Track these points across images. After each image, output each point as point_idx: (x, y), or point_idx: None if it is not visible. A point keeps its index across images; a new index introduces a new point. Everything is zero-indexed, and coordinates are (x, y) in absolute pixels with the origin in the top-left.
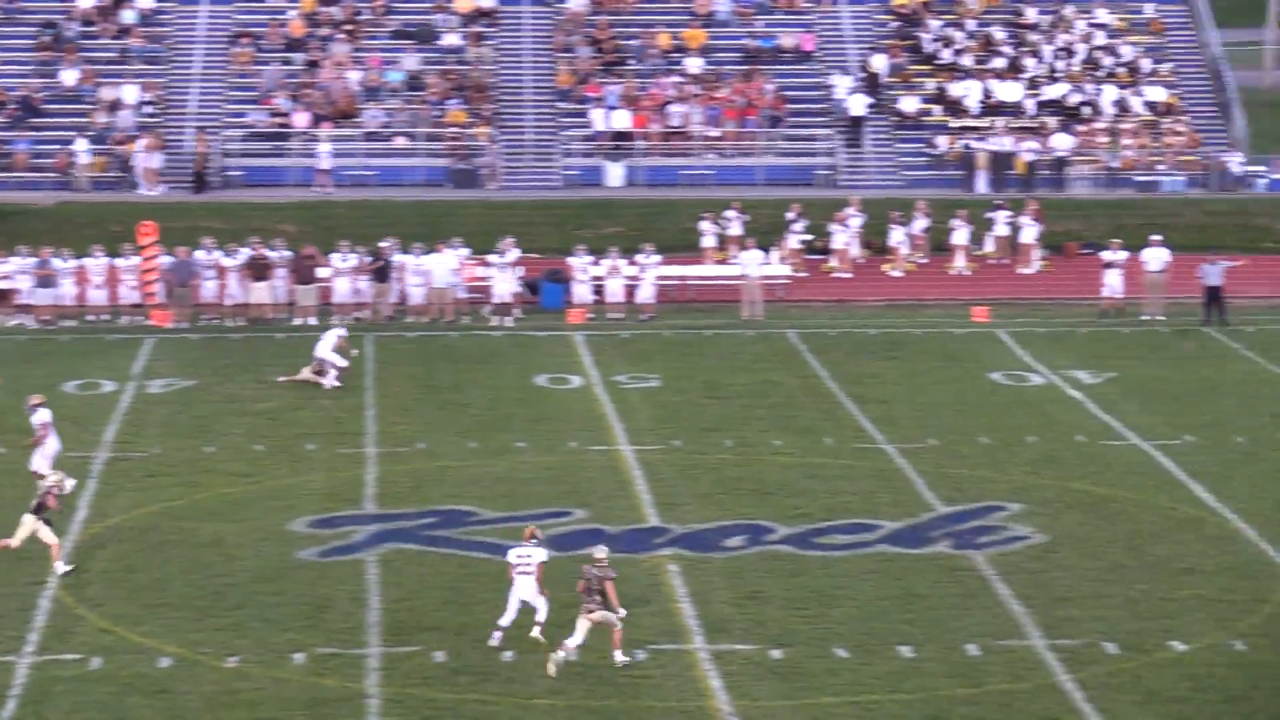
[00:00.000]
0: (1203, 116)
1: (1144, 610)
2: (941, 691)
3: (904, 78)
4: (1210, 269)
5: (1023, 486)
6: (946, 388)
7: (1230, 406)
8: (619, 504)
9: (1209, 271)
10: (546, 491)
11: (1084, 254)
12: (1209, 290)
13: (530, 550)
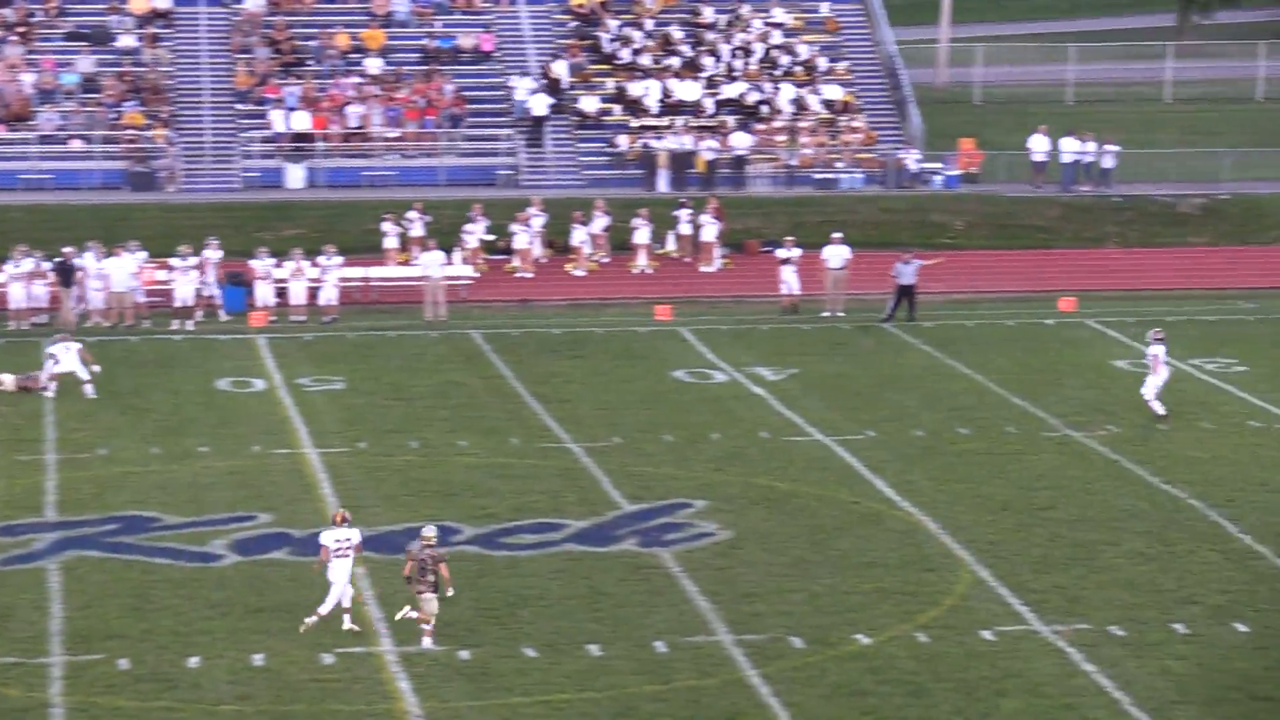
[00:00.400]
0: (879, 114)
1: (828, 604)
2: (630, 689)
3: (584, 77)
4: (904, 267)
5: (707, 483)
6: (631, 386)
7: (910, 401)
8: (304, 507)
9: (903, 270)
10: (231, 496)
11: (765, 251)
12: (902, 288)
13: (346, 532)
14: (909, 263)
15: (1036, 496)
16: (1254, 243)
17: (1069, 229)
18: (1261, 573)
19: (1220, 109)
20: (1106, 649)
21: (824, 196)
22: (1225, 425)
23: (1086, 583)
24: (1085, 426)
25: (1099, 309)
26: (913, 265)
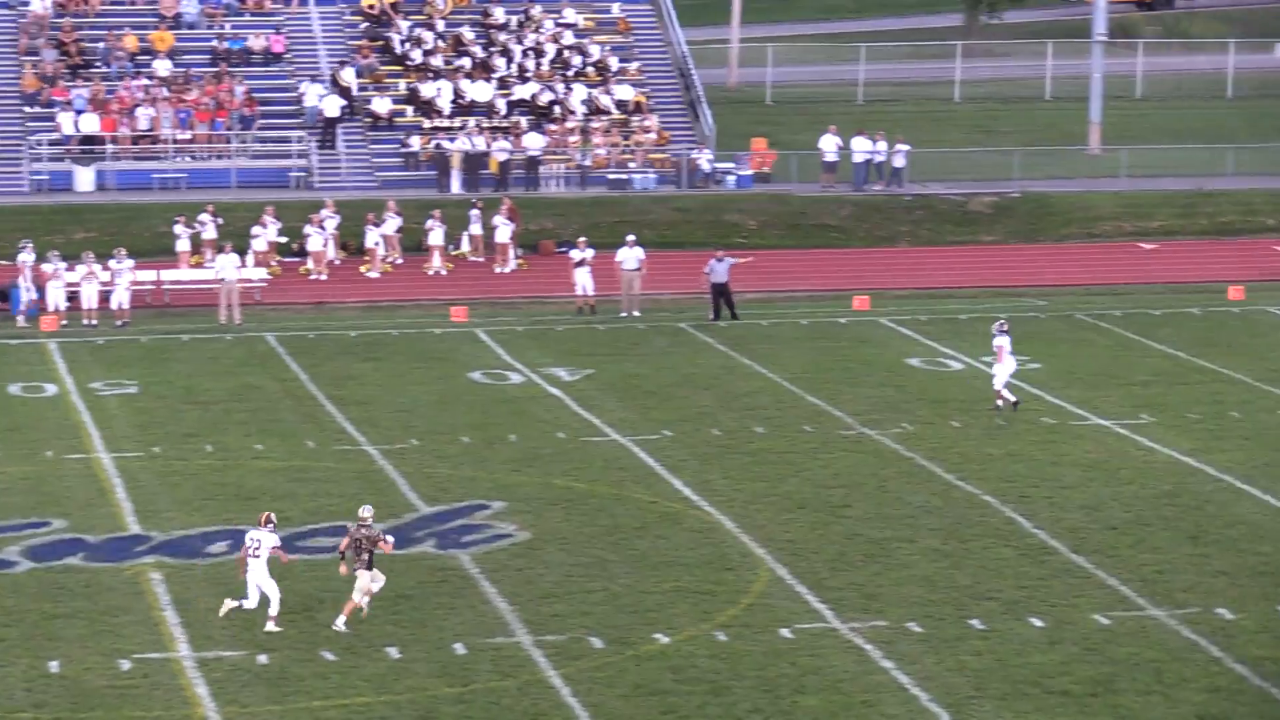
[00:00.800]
0: (671, 115)
1: (627, 604)
2: (430, 691)
3: (376, 79)
4: (718, 265)
5: (505, 484)
6: (427, 388)
7: (706, 401)
8: (99, 512)
9: (716, 268)
10: (23, 502)
11: (560, 252)
12: (716, 287)
13: (260, 535)
14: (721, 260)
15: (833, 495)
16: (1044, 240)
17: (861, 228)
18: (1055, 568)
19: (1009, 108)
20: (904, 645)
21: (618, 197)
22: (1018, 422)
23: (883, 580)
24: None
25: (892, 307)
26: (725, 264)
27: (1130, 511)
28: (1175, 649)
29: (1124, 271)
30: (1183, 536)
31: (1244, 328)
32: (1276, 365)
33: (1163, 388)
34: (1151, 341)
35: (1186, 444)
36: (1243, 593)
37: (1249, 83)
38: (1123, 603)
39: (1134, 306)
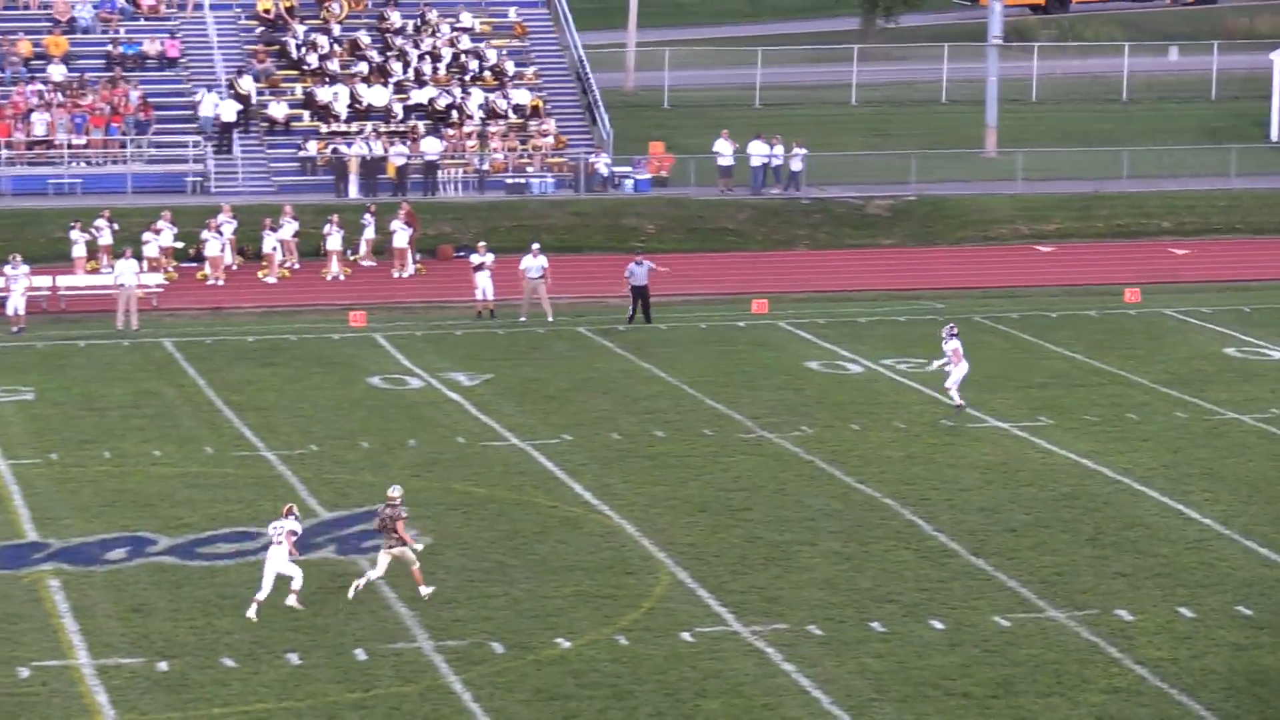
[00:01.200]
0: (569, 119)
1: (528, 609)
2: (331, 697)
3: (272, 83)
4: (637, 269)
5: (407, 489)
6: (326, 393)
7: (606, 405)
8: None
9: (636, 272)
10: None
11: (458, 257)
12: (636, 290)
13: (283, 522)
14: (640, 264)
15: (733, 498)
16: (941, 243)
17: (759, 231)
18: (955, 570)
19: (906, 111)
20: (805, 648)
21: (516, 201)
22: (917, 425)
23: (784, 583)
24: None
25: (791, 311)
26: (644, 267)
27: (1029, 514)
28: (1075, 651)
29: (1021, 274)
30: (1082, 538)
31: (1141, 330)
32: (1173, 367)
33: (1060, 390)
34: (1049, 344)
35: (1084, 446)
36: (1142, 594)
37: (1144, 86)
38: (1023, 605)
39: (1031, 309)
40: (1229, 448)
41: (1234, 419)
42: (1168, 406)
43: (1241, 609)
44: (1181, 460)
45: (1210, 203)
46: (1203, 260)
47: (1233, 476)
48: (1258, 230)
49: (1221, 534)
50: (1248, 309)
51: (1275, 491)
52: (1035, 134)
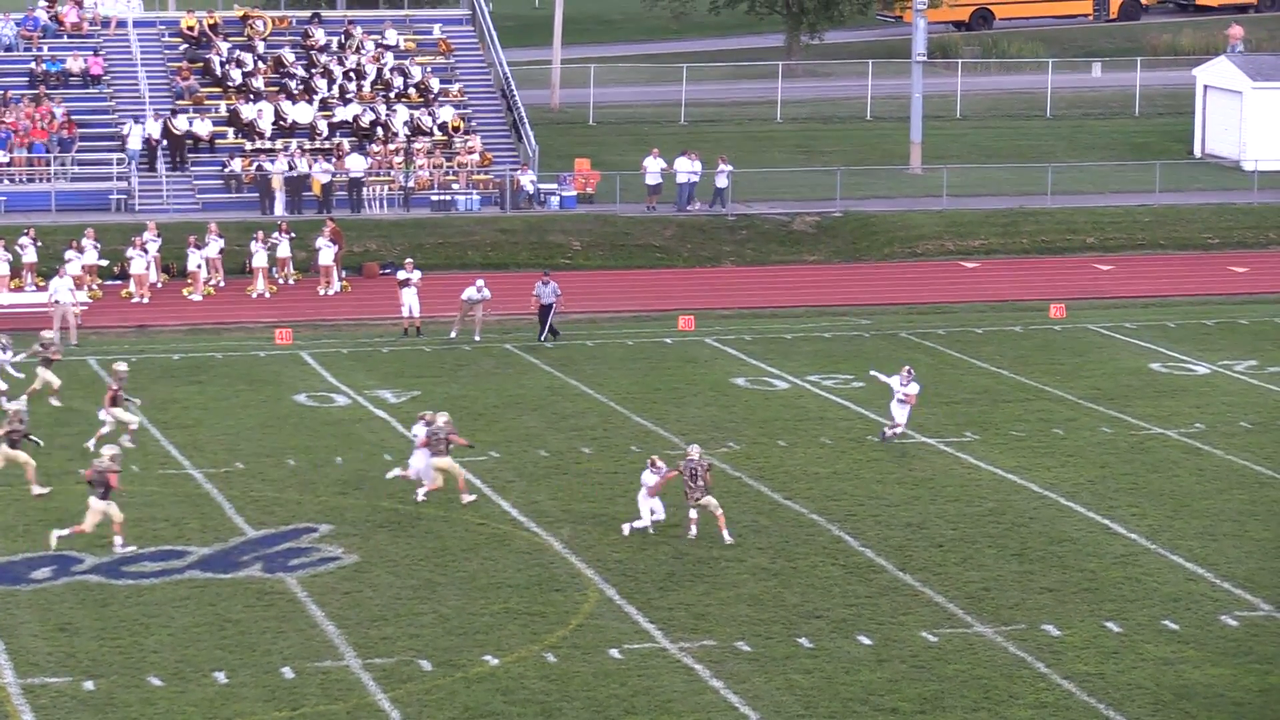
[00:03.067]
0: (494, 136)
1: (456, 626)
2: (258, 716)
3: (196, 100)
4: (544, 288)
5: (333, 507)
6: (252, 411)
7: (533, 422)
8: None
9: (542, 291)
10: None
11: (384, 274)
12: (543, 309)
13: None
14: (547, 283)
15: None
16: (866, 259)
17: (685, 248)
18: (883, 586)
19: (831, 128)
20: (733, 664)
21: (441, 218)
22: (844, 441)
23: (711, 599)
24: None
25: (718, 327)
26: (550, 286)
27: (956, 529)
28: (1003, 666)
29: (946, 290)
30: (1008, 554)
31: (1066, 346)
32: (1099, 383)
33: (986, 405)
34: (975, 360)
35: (1010, 462)
36: (1068, 609)
37: (1067, 102)
38: (950, 620)
39: (957, 325)
40: (1154, 463)
41: (1159, 434)
42: (1093, 422)
43: (1168, 623)
44: (1107, 475)
45: (1134, 218)
46: (1127, 276)
47: (1158, 491)
48: (1182, 245)
49: (1148, 549)
50: (1172, 324)
51: (1201, 506)
52: (960, 150)
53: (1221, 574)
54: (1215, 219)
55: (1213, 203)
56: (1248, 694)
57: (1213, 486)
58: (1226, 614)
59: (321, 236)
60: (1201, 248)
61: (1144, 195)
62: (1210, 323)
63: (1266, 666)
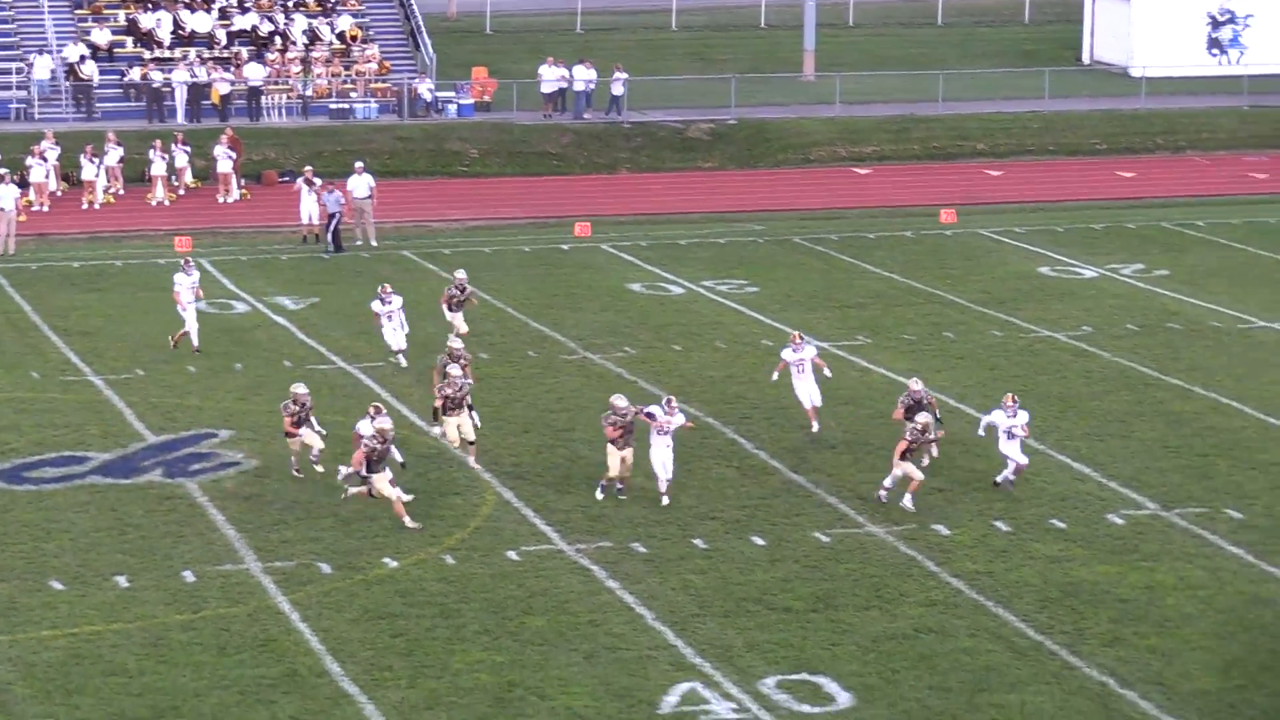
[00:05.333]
0: (392, 44)
1: (356, 530)
2: (159, 619)
3: (95, 10)
4: (329, 197)
5: (233, 413)
6: (152, 318)
7: (431, 327)
8: None
9: (328, 200)
10: None
11: (283, 182)
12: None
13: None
14: (332, 192)
15: (557, 418)
16: (760, 167)
17: (582, 155)
18: (776, 487)
19: (725, 36)
20: (629, 565)
21: (340, 127)
22: (738, 345)
23: (608, 502)
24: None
25: (613, 234)
26: (334, 195)
27: (848, 431)
28: (893, 565)
29: (839, 196)
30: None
31: (956, 250)
32: (988, 287)
33: (879, 310)
34: (867, 264)
35: (902, 365)
36: (958, 509)
37: (958, 10)
38: (842, 520)
39: (849, 230)
40: (1043, 365)
41: (1048, 337)
42: (983, 325)
43: (1055, 522)
44: (997, 378)
45: (1024, 125)
46: (1016, 181)
47: (1046, 393)
48: (1071, 151)
49: (1036, 449)
50: (1060, 229)
51: (1088, 407)
52: (853, 58)
53: (1108, 474)
54: (1103, 125)
55: (1101, 109)
56: (1133, 590)
57: (1100, 388)
58: (1113, 513)
59: (220, 145)
60: (1089, 153)
61: (1033, 102)
62: (1098, 227)
63: (1151, 564)
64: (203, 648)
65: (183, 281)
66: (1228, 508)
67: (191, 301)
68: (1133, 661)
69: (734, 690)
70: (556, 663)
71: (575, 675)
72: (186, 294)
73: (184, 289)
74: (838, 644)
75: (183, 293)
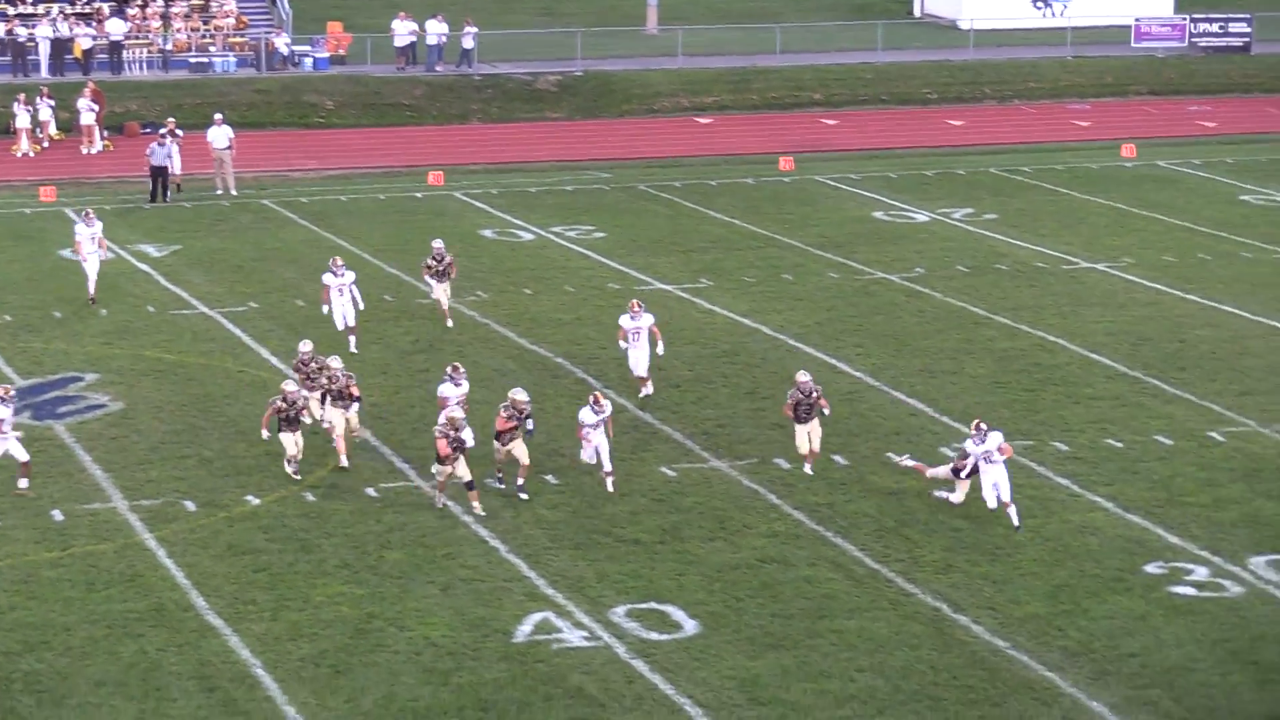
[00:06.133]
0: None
1: (219, 468)
2: (29, 556)
3: None
4: (158, 149)
5: (98, 357)
6: (18, 266)
7: (290, 273)
8: None
9: (156, 152)
10: None
11: (145, 133)
12: (155, 169)
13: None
14: (163, 145)
15: (413, 360)
16: (606, 117)
17: (434, 107)
18: (624, 424)
19: None
20: (483, 500)
21: (199, 80)
22: (586, 288)
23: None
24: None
25: (466, 182)
26: (165, 149)
27: (692, 370)
28: (737, 497)
29: (682, 145)
30: (741, 392)
31: (795, 196)
32: (825, 231)
33: (720, 254)
34: (709, 210)
35: (743, 306)
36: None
37: None
38: (687, 455)
39: (692, 177)
40: (878, 305)
41: (882, 278)
42: (821, 267)
43: (891, 455)
44: (834, 318)
45: (858, 76)
46: (851, 130)
47: (881, 332)
48: (903, 101)
49: (871, 385)
50: (894, 175)
51: (920, 345)
52: (694, 12)
53: (940, 409)
54: (934, 75)
55: (931, 60)
56: (965, 520)
57: (932, 327)
58: (945, 446)
59: (83, 98)
60: (921, 103)
61: (867, 54)
62: (930, 173)
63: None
64: (72, 584)
65: (83, 232)
66: (1054, 440)
67: (93, 251)
68: (965, 588)
69: (585, 619)
70: (414, 595)
71: (432, 607)
72: (88, 245)
73: (84, 239)
74: (684, 574)
75: (84, 243)
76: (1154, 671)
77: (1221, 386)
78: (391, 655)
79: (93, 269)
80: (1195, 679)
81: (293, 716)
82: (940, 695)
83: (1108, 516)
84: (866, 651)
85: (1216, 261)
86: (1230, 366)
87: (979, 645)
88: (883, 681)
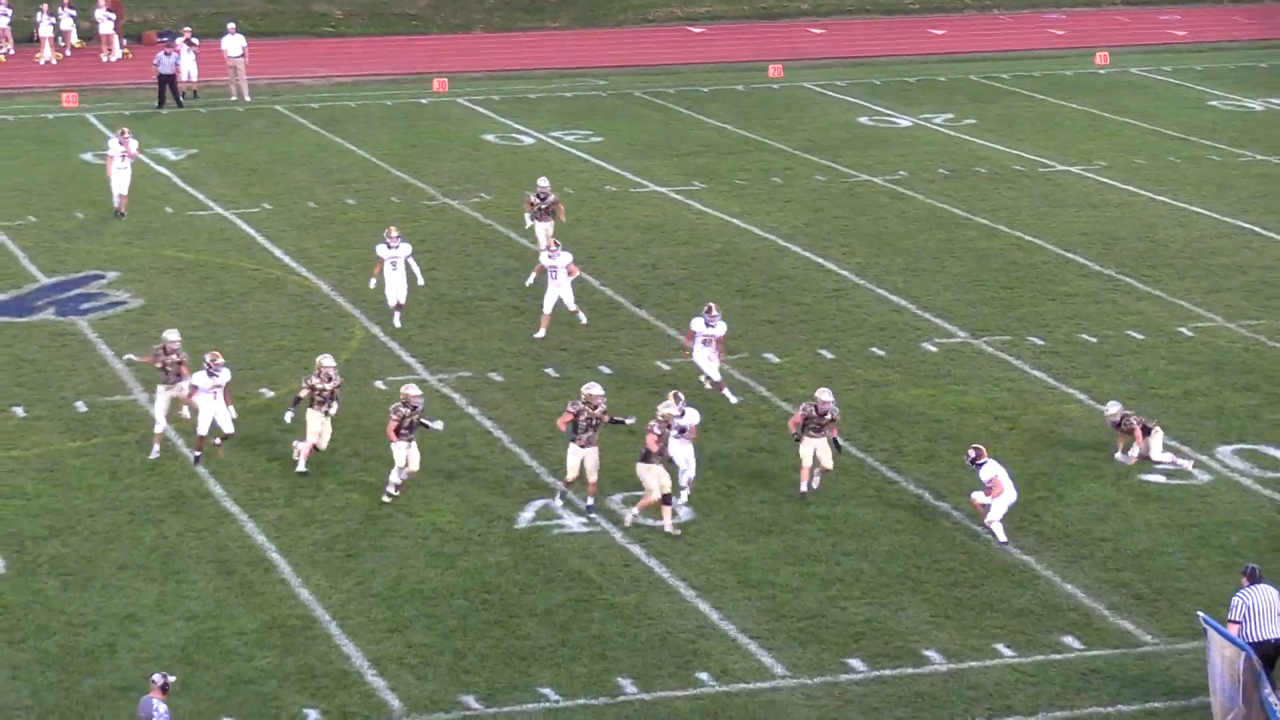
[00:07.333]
0: None
1: (235, 362)
2: (55, 446)
3: None
4: (165, 59)
5: (119, 256)
6: (42, 168)
7: (302, 176)
8: None
9: (164, 61)
10: None
11: (161, 41)
12: (163, 77)
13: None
14: (169, 55)
15: (422, 259)
16: (604, 26)
17: (439, 17)
18: (621, 321)
19: None
20: (487, 394)
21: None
22: (585, 190)
23: (467, 335)
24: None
25: (469, 89)
26: (173, 58)
27: (686, 269)
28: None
29: (676, 53)
30: (733, 290)
31: (783, 102)
32: (812, 135)
33: (712, 157)
34: (701, 116)
35: (735, 207)
36: (787, 339)
37: None
38: (681, 350)
39: (685, 84)
40: (863, 206)
41: (867, 180)
42: (808, 170)
43: (875, 350)
44: (821, 219)
45: None
46: (837, 39)
47: (866, 232)
48: (886, 11)
49: (857, 284)
50: (877, 82)
51: (903, 245)
52: None
53: (922, 305)
54: None
55: None
56: (946, 411)
57: (914, 227)
58: (927, 341)
59: (101, 8)
60: (904, 12)
61: None
62: (912, 80)
63: (962, 387)
64: (95, 472)
65: (115, 148)
66: (1030, 335)
67: (122, 167)
68: (946, 476)
69: (583, 505)
70: (421, 482)
71: (438, 494)
72: (119, 160)
73: (116, 155)
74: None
75: (115, 159)
76: (1125, 555)
77: (1190, 284)
78: (400, 540)
79: (121, 184)
80: (1164, 562)
81: (306, 598)
82: (922, 578)
83: (1082, 408)
84: (852, 536)
85: (1186, 164)
86: (1198, 265)
87: (959, 531)
88: (868, 565)
